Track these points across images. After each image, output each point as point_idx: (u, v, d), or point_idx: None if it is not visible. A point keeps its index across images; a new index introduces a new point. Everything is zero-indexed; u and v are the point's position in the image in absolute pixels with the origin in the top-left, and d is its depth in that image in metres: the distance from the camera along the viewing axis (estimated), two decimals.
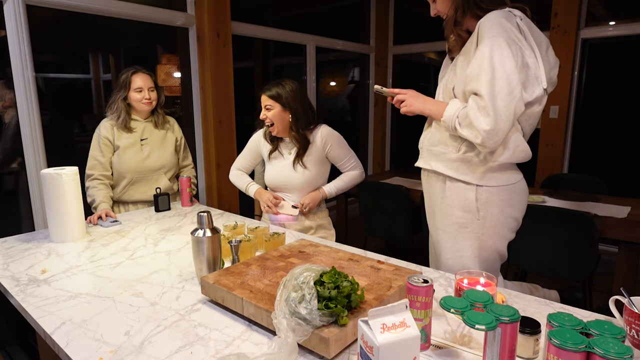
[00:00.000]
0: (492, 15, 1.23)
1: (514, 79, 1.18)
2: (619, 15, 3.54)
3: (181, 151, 2.32)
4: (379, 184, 3.06)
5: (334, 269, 0.95)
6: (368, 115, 4.98)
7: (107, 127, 2.08)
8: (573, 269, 2.12)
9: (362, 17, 4.79)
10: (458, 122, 1.26)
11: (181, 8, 3.05)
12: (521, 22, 1.24)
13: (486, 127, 1.18)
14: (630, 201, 2.53)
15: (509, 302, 1.09)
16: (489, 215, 1.34)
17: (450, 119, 1.28)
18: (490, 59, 1.18)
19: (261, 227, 1.59)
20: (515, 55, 1.19)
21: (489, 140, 1.20)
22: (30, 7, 2.28)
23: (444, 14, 1.37)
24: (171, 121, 2.29)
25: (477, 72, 1.21)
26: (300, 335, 0.83)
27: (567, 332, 0.72)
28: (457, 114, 1.26)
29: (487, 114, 1.18)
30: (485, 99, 1.18)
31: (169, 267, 1.37)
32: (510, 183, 1.34)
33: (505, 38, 1.18)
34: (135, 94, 2.08)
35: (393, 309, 0.70)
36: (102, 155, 2.06)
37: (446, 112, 1.30)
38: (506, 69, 1.17)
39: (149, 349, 0.91)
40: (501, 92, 1.17)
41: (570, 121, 3.70)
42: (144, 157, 2.12)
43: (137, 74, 2.09)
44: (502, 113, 1.18)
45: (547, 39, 1.32)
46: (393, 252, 1.67)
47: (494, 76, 1.17)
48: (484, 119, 1.19)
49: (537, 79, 1.25)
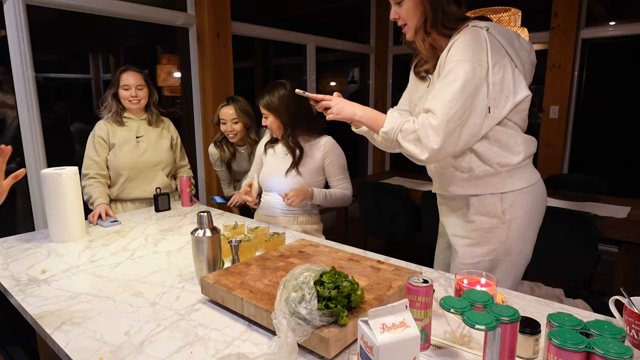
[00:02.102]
0: (461, 39, 1.22)
1: (471, 104, 1.19)
2: (619, 16, 3.54)
3: (177, 150, 2.32)
4: (379, 184, 3.05)
5: (334, 269, 0.95)
6: None
7: (101, 126, 2.09)
8: (573, 269, 2.12)
9: (362, 17, 4.79)
10: (401, 135, 1.24)
11: (181, 8, 3.05)
12: (488, 33, 1.22)
13: (435, 146, 1.19)
14: (630, 201, 2.53)
15: (509, 302, 1.09)
16: (514, 218, 1.33)
17: (392, 131, 1.25)
18: (452, 83, 1.18)
19: (261, 227, 1.60)
20: (479, 80, 1.19)
21: (433, 158, 1.21)
22: (30, 7, 2.28)
23: (403, 22, 1.32)
24: (166, 121, 2.30)
25: (438, 92, 1.21)
26: (300, 335, 0.83)
27: (567, 332, 0.72)
28: (399, 127, 1.24)
29: (437, 133, 1.18)
30: (439, 119, 1.18)
31: (169, 267, 1.37)
32: (531, 183, 1.35)
33: (470, 62, 1.18)
34: (123, 91, 2.08)
35: (393, 309, 0.70)
36: (97, 154, 2.06)
37: (388, 124, 1.27)
38: (465, 93, 1.18)
39: (149, 349, 0.91)
40: (455, 115, 1.18)
41: (570, 121, 3.70)
42: (140, 153, 2.12)
43: (126, 72, 2.08)
44: (451, 136, 1.19)
45: (515, 31, 1.31)
46: (393, 252, 1.67)
47: (453, 99, 1.18)
48: (434, 138, 1.19)
49: (520, 85, 1.25)
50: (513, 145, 1.30)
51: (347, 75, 5.07)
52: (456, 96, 1.18)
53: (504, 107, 1.25)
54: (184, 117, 3.33)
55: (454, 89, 1.18)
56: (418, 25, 1.29)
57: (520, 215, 1.34)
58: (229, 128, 2.37)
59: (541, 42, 3.66)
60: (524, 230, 1.36)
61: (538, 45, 3.70)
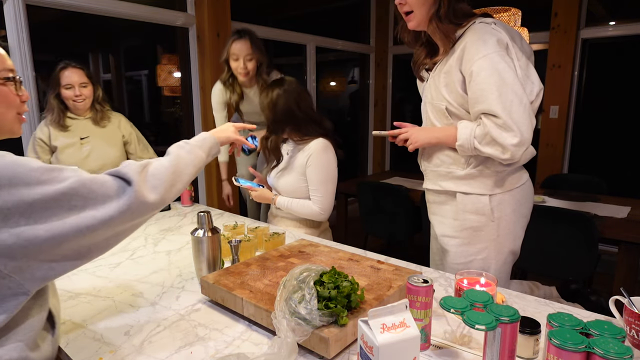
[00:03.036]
0: (473, 37, 1.24)
1: (518, 88, 1.19)
2: (618, 16, 3.54)
3: (134, 146, 2.16)
4: (379, 184, 3.06)
5: (334, 269, 0.95)
6: (368, 115, 4.98)
7: (43, 128, 1.97)
8: (573, 269, 2.12)
9: (362, 17, 4.79)
10: (477, 142, 1.26)
11: (181, 8, 3.05)
12: (497, 28, 1.25)
13: (513, 141, 1.19)
14: (630, 201, 2.53)
15: (509, 302, 1.09)
16: (503, 215, 1.35)
17: (467, 141, 1.27)
18: (490, 77, 1.19)
19: (261, 227, 1.60)
20: (509, 66, 1.20)
21: (518, 152, 1.21)
22: (30, 7, 2.28)
23: (410, 8, 1.30)
24: (115, 117, 2.14)
25: (481, 93, 1.21)
26: (300, 335, 0.83)
27: (567, 332, 0.72)
28: (472, 134, 1.26)
29: (510, 128, 1.18)
30: (502, 116, 1.18)
31: (169, 267, 1.37)
32: (520, 184, 1.37)
33: (496, 53, 1.20)
34: (66, 91, 1.92)
35: (393, 309, 0.70)
36: (38, 157, 1.93)
37: (461, 136, 1.28)
38: (507, 81, 1.19)
39: (149, 349, 0.91)
40: (513, 104, 1.18)
41: (570, 121, 3.69)
42: (83, 157, 2.00)
43: (67, 69, 1.92)
44: (522, 124, 1.19)
45: (519, 33, 1.33)
46: (393, 252, 1.67)
47: (501, 92, 1.18)
48: (508, 135, 1.19)
49: (528, 77, 1.27)
50: None
51: (347, 75, 5.07)
52: (502, 88, 1.18)
53: (530, 92, 1.25)
54: (184, 117, 3.32)
55: (494, 81, 1.18)
56: (431, 14, 1.28)
57: (508, 212, 1.35)
58: (241, 65, 2.11)
59: (541, 42, 3.66)
60: (512, 227, 1.37)
61: (538, 45, 3.70)
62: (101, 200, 0.75)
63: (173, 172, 0.89)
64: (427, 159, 1.47)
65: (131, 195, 0.77)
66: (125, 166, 0.82)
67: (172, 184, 0.87)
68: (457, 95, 1.30)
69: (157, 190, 0.83)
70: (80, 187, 0.73)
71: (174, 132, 3.61)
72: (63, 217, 0.70)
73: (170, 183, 0.87)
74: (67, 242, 0.71)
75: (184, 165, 0.93)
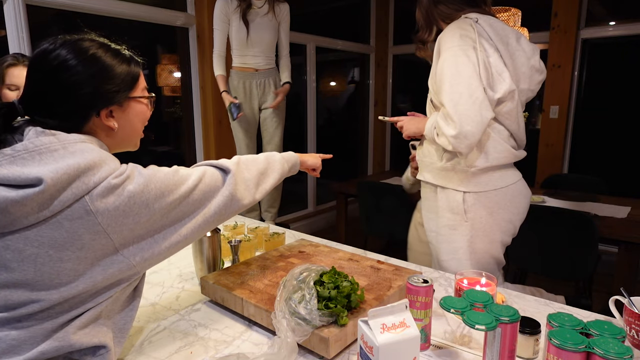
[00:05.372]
0: (447, 28, 1.30)
1: (472, 82, 1.21)
2: (619, 15, 3.54)
3: None
4: (379, 184, 3.06)
5: (334, 269, 0.95)
6: (368, 115, 4.98)
7: None
8: (573, 269, 2.12)
9: (362, 17, 4.79)
10: (435, 132, 1.32)
11: (181, 8, 3.05)
12: (477, 24, 1.27)
13: (452, 132, 1.23)
14: (630, 201, 2.53)
15: (509, 302, 1.09)
16: (477, 217, 1.35)
17: (429, 131, 1.35)
18: (447, 69, 1.24)
19: (261, 227, 1.60)
20: (472, 61, 1.22)
21: (459, 144, 1.24)
22: (30, 7, 2.28)
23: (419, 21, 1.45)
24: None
25: (440, 84, 1.27)
26: (300, 335, 0.83)
27: (567, 332, 0.72)
28: (433, 125, 1.32)
29: (451, 119, 1.23)
30: (447, 107, 1.23)
31: (169, 267, 1.37)
32: (500, 187, 1.35)
33: (459, 46, 1.23)
34: (9, 92, 1.55)
35: (393, 309, 0.70)
36: None
37: (427, 126, 1.37)
38: (463, 74, 1.22)
39: (149, 348, 0.91)
40: (461, 97, 1.21)
41: (570, 121, 3.69)
42: None
43: (16, 67, 1.55)
44: (465, 116, 1.21)
45: (516, 30, 1.33)
46: (393, 252, 1.67)
47: (452, 84, 1.23)
48: (448, 126, 1.24)
49: (500, 75, 1.27)
50: (490, 151, 1.32)
51: (347, 75, 5.07)
52: (455, 80, 1.21)
53: (499, 90, 1.27)
54: (184, 117, 3.33)
55: (450, 73, 1.23)
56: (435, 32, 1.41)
57: (483, 215, 1.35)
58: None
59: (541, 42, 3.66)
60: (489, 230, 1.36)
61: (538, 45, 3.70)
62: (215, 190, 0.87)
63: (262, 172, 1.00)
64: (420, 149, 1.52)
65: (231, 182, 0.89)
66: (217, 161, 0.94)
67: (257, 182, 0.97)
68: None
69: (249, 190, 0.94)
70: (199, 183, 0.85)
71: (174, 132, 3.61)
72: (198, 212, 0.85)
73: (257, 181, 0.97)
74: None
75: (270, 170, 1.03)
